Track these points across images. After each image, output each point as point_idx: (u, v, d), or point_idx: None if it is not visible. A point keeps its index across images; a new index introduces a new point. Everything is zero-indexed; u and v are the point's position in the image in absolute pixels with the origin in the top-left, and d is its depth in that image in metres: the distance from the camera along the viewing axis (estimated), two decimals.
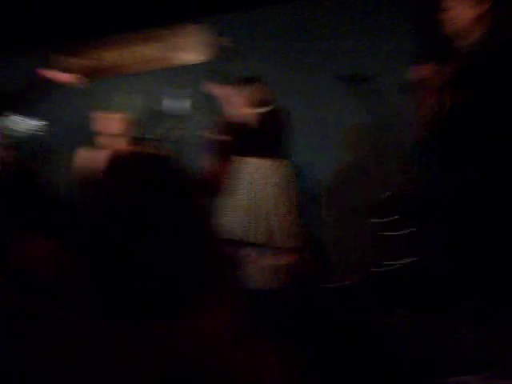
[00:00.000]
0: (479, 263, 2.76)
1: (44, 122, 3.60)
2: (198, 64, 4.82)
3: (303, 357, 0.94)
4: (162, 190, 0.83)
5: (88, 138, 4.45)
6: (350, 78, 2.61)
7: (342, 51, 4.36)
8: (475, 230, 2.73)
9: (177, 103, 3.52)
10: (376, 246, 4.18)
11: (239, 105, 3.66)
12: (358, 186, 4.34)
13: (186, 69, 4.86)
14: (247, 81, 3.69)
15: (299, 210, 3.64)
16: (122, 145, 4.08)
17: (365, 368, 1.93)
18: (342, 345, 1.99)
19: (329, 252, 4.43)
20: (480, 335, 2.45)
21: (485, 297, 2.66)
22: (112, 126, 4.14)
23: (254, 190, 3.56)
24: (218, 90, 3.62)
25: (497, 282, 2.63)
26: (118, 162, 0.89)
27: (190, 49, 4.85)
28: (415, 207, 3.76)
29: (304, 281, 4.11)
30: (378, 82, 3.15)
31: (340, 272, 4.01)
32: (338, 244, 4.42)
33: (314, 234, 4.47)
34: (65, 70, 5.07)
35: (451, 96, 2.51)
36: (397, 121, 2.68)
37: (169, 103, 4.12)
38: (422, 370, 2.10)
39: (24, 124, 3.53)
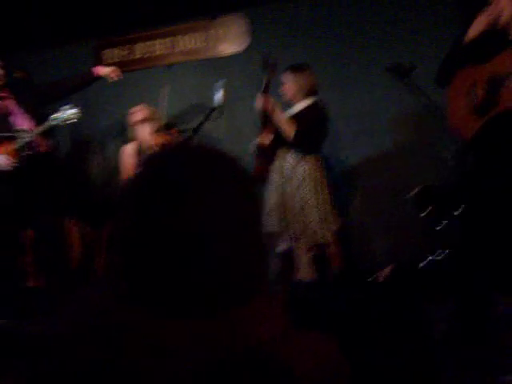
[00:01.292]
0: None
1: (80, 112, 3.66)
2: (235, 55, 4.83)
3: (348, 350, 0.92)
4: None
5: (127, 132, 4.55)
6: (397, 68, 2.57)
7: (385, 41, 4.30)
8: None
9: (215, 94, 3.52)
10: (412, 238, 4.15)
11: (291, 93, 3.65)
12: (397, 178, 4.30)
13: (225, 60, 4.87)
14: (300, 68, 3.67)
15: (333, 203, 3.61)
16: (157, 137, 4.15)
17: (405, 362, 1.92)
18: (383, 339, 1.97)
19: (365, 244, 4.41)
20: None
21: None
22: (146, 119, 4.23)
23: (286, 183, 3.55)
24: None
25: None
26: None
27: (229, 40, 4.85)
28: (451, 200, 3.70)
29: (340, 273, 4.10)
30: (422, 72, 3.10)
31: (378, 265, 3.98)
32: (374, 236, 4.40)
33: (350, 226, 4.45)
34: (108, 63, 5.18)
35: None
36: (437, 112, 2.63)
37: (207, 94, 4.14)
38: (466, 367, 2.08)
39: (66, 113, 3.59)
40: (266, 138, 3.60)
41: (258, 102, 3.52)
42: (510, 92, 2.50)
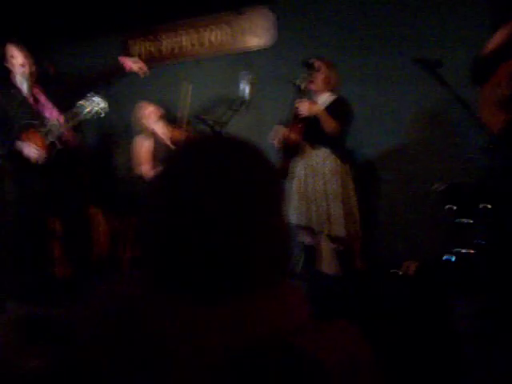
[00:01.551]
0: None
1: (108, 107, 3.69)
2: (262, 49, 4.83)
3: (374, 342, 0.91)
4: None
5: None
6: (424, 61, 2.55)
7: (412, 35, 4.25)
8: None
9: (241, 87, 3.53)
10: (436, 234, 4.11)
11: (320, 83, 3.66)
12: (421, 174, 4.27)
13: (251, 54, 4.87)
14: (331, 62, 3.72)
15: (356, 198, 3.61)
16: (174, 133, 4.24)
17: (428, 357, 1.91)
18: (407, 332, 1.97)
19: (388, 240, 4.39)
20: None
21: None
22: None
23: (312, 177, 3.55)
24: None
25: None
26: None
27: (254, 34, 4.85)
28: (474, 198, 3.66)
29: (363, 268, 4.09)
30: (448, 68, 3.06)
31: (401, 260, 3.96)
32: (397, 231, 4.37)
33: (373, 221, 4.43)
34: (134, 56, 5.23)
35: None
36: (469, 107, 2.60)
37: (234, 88, 4.15)
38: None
39: (95, 105, 3.63)
40: (296, 133, 3.59)
41: (303, 108, 3.51)
42: None
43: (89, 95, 3.63)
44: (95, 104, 3.60)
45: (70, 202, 3.82)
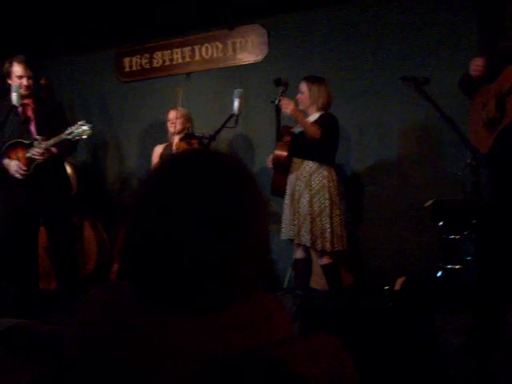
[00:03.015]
0: None
1: (91, 129, 3.68)
2: (253, 64, 4.87)
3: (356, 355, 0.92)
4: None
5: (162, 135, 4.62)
6: (411, 79, 2.59)
7: (400, 54, 4.31)
8: None
9: (233, 102, 3.55)
10: (423, 249, 4.14)
11: (307, 102, 3.65)
12: (408, 189, 4.30)
13: (243, 68, 4.91)
14: (318, 79, 3.68)
15: (342, 213, 3.61)
16: (181, 145, 4.20)
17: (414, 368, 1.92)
18: (392, 347, 1.98)
19: (376, 254, 4.41)
20: None
21: None
22: (175, 123, 4.28)
23: (300, 192, 3.56)
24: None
25: None
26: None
27: (246, 49, 4.90)
28: (462, 215, 3.70)
29: (352, 283, 4.09)
30: (435, 86, 3.12)
31: (389, 275, 3.97)
32: (384, 246, 4.39)
33: (360, 235, 4.46)
34: (128, 71, 5.27)
35: None
36: (454, 124, 2.64)
37: (225, 102, 4.19)
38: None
39: (79, 128, 3.63)
40: (284, 150, 3.61)
41: (284, 105, 3.51)
42: (511, 106, 2.54)
43: (80, 122, 3.65)
44: (78, 126, 3.62)
45: (55, 213, 3.81)
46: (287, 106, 3.47)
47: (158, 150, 4.45)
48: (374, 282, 4.08)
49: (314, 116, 3.64)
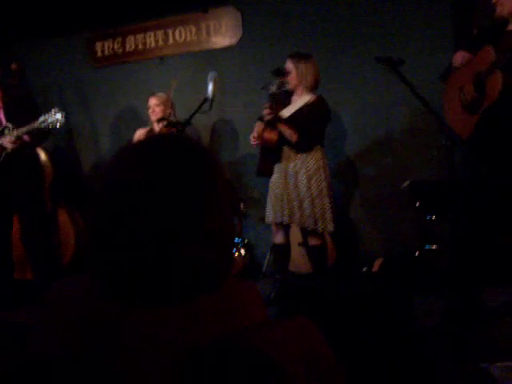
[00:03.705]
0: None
1: (64, 118, 3.60)
2: (228, 48, 4.82)
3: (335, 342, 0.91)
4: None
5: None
6: (386, 60, 2.59)
7: (376, 36, 4.30)
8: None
9: (207, 86, 3.50)
10: (399, 231, 4.18)
11: (295, 83, 3.56)
12: (385, 171, 4.33)
13: (217, 52, 4.85)
14: (305, 56, 3.59)
15: (331, 196, 3.61)
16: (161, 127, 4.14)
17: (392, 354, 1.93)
18: (370, 329, 1.98)
19: (359, 236, 4.44)
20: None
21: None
22: (155, 107, 4.23)
23: (293, 175, 3.54)
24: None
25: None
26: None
27: (221, 32, 4.84)
28: (438, 196, 3.73)
29: (333, 265, 4.12)
30: (412, 67, 3.13)
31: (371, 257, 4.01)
32: (367, 228, 4.43)
33: (343, 218, 4.48)
34: (100, 55, 5.17)
35: (504, 80, 2.47)
36: (429, 106, 2.65)
37: (200, 87, 4.13)
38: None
39: (52, 117, 3.55)
40: (274, 134, 3.55)
41: (265, 113, 3.50)
42: (491, 86, 2.55)
43: (53, 110, 3.56)
44: (51, 115, 3.53)
45: (29, 202, 3.75)
46: (266, 115, 3.49)
47: (140, 133, 4.36)
48: (357, 264, 4.11)
49: (302, 99, 3.58)
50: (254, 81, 4.30)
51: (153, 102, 4.27)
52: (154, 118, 4.26)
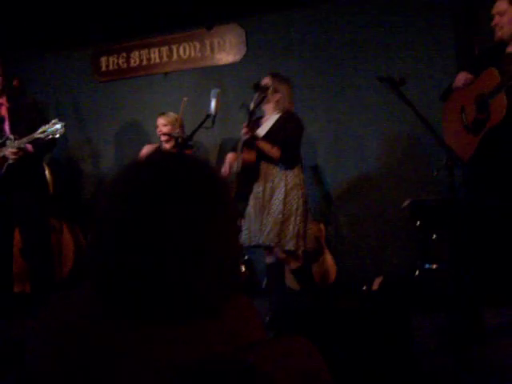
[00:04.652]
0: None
1: (64, 128, 3.62)
2: (231, 64, 4.85)
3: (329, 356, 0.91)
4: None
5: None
6: (388, 79, 2.60)
7: (377, 55, 4.34)
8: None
9: (210, 102, 3.51)
10: (399, 250, 4.17)
11: (273, 103, 3.57)
12: (385, 190, 4.32)
13: (221, 68, 4.89)
14: (283, 79, 3.62)
15: (308, 215, 3.57)
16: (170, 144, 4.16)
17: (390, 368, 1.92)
18: (367, 348, 1.98)
19: (355, 255, 4.42)
20: None
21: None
22: (162, 127, 4.26)
23: (273, 193, 3.51)
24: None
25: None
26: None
27: (224, 49, 4.88)
28: (438, 215, 3.73)
29: (329, 284, 4.10)
30: (412, 86, 3.15)
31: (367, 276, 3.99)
32: (360, 247, 4.41)
33: (334, 236, 4.47)
34: (104, 70, 5.21)
35: (509, 102, 2.50)
36: (430, 125, 2.66)
37: (203, 103, 4.15)
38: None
39: (52, 127, 3.57)
40: (252, 154, 3.54)
41: (243, 132, 3.51)
42: (495, 108, 2.57)
43: (53, 121, 3.58)
44: (51, 125, 3.55)
45: (30, 214, 3.75)
46: (245, 134, 3.48)
47: (147, 149, 4.35)
48: (354, 283, 4.09)
49: (273, 118, 3.59)
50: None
51: (160, 121, 4.29)
52: (162, 138, 4.28)
